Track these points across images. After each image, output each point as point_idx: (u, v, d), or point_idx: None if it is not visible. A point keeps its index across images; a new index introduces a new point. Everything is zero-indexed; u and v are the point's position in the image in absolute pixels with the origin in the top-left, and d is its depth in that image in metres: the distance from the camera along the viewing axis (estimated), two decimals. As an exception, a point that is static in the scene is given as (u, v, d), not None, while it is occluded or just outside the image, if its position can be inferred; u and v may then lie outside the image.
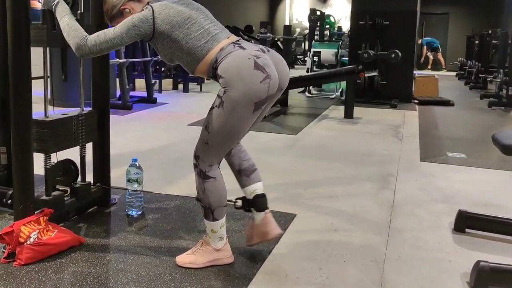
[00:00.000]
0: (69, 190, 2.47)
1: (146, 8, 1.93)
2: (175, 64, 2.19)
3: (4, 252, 2.06)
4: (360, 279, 2.01)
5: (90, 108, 2.58)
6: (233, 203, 2.16)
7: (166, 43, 1.92)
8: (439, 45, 17.25)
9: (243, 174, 2.14)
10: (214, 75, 1.90)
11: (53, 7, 2.06)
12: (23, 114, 2.08)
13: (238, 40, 1.94)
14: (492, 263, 1.89)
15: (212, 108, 1.88)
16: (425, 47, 17.07)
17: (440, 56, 17.42)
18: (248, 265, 2.08)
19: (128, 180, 2.59)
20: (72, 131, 2.38)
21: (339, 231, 2.51)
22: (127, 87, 6.44)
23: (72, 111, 2.49)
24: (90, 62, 2.56)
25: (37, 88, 2.62)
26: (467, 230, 2.51)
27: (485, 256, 2.20)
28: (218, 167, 1.98)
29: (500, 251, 2.30)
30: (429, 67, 17.42)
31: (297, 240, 2.37)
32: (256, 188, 2.13)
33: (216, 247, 2.03)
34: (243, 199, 2.15)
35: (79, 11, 2.38)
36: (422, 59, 17.25)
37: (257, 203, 2.12)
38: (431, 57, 17.43)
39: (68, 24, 1.96)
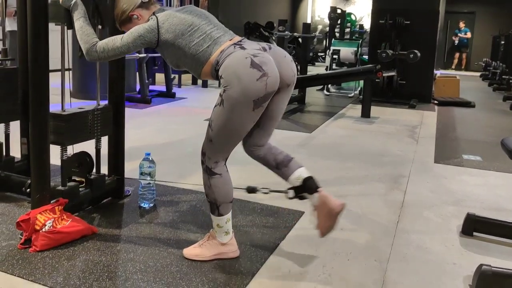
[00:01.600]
0: (84, 181, 2.55)
1: (152, 18, 2.03)
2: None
3: (21, 238, 2.15)
4: (362, 278, 2.04)
5: (106, 103, 2.65)
6: (284, 193, 2.15)
7: (171, 50, 2.01)
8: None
9: (281, 167, 2.14)
10: (217, 77, 1.98)
11: (70, 7, 2.15)
12: (41, 107, 2.17)
13: (240, 41, 2.00)
14: (495, 267, 1.90)
15: (214, 106, 1.94)
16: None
17: (464, 56, 17.14)
18: (253, 259, 2.13)
19: (141, 174, 2.67)
20: (88, 125, 2.46)
21: (345, 230, 2.54)
22: (147, 81, 6.54)
23: (89, 105, 2.57)
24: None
25: (58, 80, 2.70)
26: (474, 233, 2.51)
27: (490, 260, 2.21)
28: (225, 164, 2.03)
29: (506, 256, 2.30)
30: (453, 67, 17.15)
31: (302, 237, 2.41)
32: (300, 173, 2.12)
33: (222, 241, 2.09)
34: (294, 187, 2.12)
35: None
36: (456, 60, 16.98)
37: (307, 186, 2.09)
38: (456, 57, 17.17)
39: (81, 27, 2.07)
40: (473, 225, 2.51)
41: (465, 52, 17.06)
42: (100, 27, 2.42)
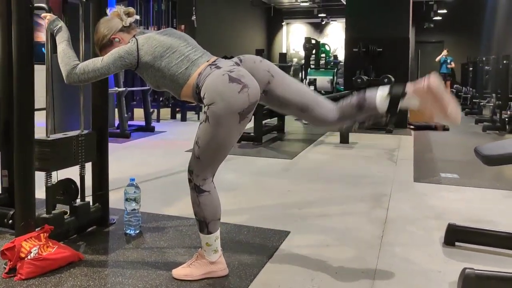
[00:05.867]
0: (68, 209, 2.54)
1: (132, 40, 2.09)
2: (166, 93, 2.30)
3: (5, 268, 2.12)
4: (351, 289, 2.07)
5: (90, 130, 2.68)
6: (384, 119, 2.06)
7: (151, 72, 2.07)
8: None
9: (364, 104, 2.02)
10: (199, 99, 2.03)
11: (55, 31, 2.19)
12: (26, 132, 2.18)
13: (215, 61, 2.07)
14: (478, 270, 1.95)
15: (200, 123, 1.99)
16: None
17: (448, 84, 16.46)
18: (242, 277, 2.14)
19: (126, 199, 2.67)
20: (72, 151, 2.47)
21: (331, 246, 2.57)
22: (126, 115, 6.56)
23: (72, 132, 2.59)
24: (90, 87, 2.69)
25: (39, 119, 2.70)
26: (457, 243, 2.57)
27: (473, 266, 2.26)
28: (212, 180, 2.06)
29: (488, 262, 2.35)
30: None
31: (290, 255, 2.43)
32: (381, 93, 2.00)
33: (211, 260, 2.10)
34: (387, 110, 2.00)
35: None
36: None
37: (395, 95, 1.96)
38: None
39: (63, 50, 2.10)
40: (455, 235, 2.57)
41: (448, 80, 17.05)
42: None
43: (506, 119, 7.42)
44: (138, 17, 2.21)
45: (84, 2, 2.62)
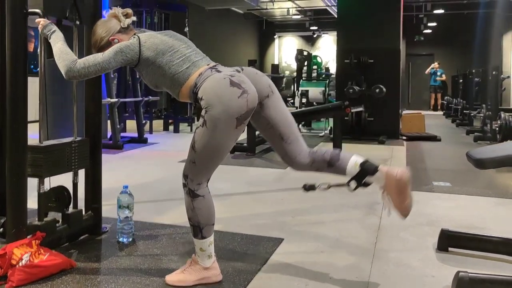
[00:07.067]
0: (61, 217, 2.52)
1: (134, 37, 2.09)
2: (159, 105, 2.30)
3: (-4, 275, 2.09)
4: (345, 294, 2.06)
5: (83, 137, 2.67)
6: (346, 186, 2.11)
7: (151, 69, 2.06)
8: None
9: (335, 162, 2.11)
10: (195, 99, 2.02)
11: (48, 35, 2.18)
12: (19, 138, 2.17)
13: (215, 65, 2.08)
14: (471, 273, 1.96)
15: (196, 128, 1.99)
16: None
17: (439, 96, 16.65)
18: (236, 283, 2.13)
19: (119, 207, 2.65)
20: (65, 157, 2.46)
21: (325, 253, 2.57)
22: (118, 126, 6.55)
23: (66, 139, 2.58)
24: (83, 94, 2.69)
25: (32, 131, 2.67)
26: (450, 249, 2.58)
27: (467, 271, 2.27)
28: (207, 185, 2.06)
29: (482, 267, 2.36)
30: (431, 108, 16.69)
31: (284, 261, 2.42)
32: (355, 160, 2.08)
33: (205, 266, 2.09)
34: (353, 177, 2.07)
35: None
36: (433, 101, 16.67)
37: (366, 168, 2.04)
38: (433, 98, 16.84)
39: (60, 49, 2.08)
40: (448, 241, 2.58)
41: (439, 93, 17.07)
42: (78, 22, 2.46)
43: (497, 129, 7.48)
44: (135, 18, 2.21)
45: (77, 25, 2.60)
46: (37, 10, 2.26)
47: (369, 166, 2.05)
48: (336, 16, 9.99)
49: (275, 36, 19.91)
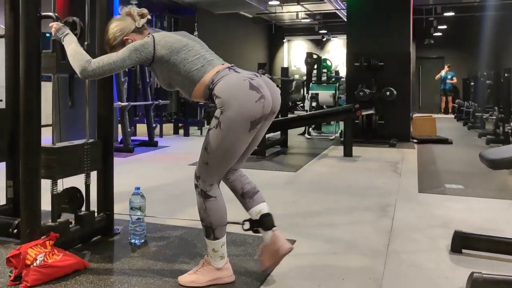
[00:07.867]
0: (73, 218, 2.54)
1: (148, 36, 2.09)
2: (169, 108, 2.32)
3: (10, 275, 2.11)
4: (358, 295, 2.05)
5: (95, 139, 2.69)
6: (240, 225, 2.21)
7: (165, 67, 2.06)
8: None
9: (246, 197, 2.20)
10: (210, 96, 2.02)
11: (61, 38, 2.20)
12: (33, 139, 2.19)
13: (232, 66, 2.08)
14: (486, 273, 1.94)
15: (210, 129, 1.99)
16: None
17: (450, 99, 16.48)
18: (249, 284, 2.12)
19: (131, 208, 2.67)
20: (78, 159, 2.48)
21: (338, 254, 2.56)
22: (129, 130, 6.58)
23: (78, 141, 2.60)
24: (95, 97, 2.71)
25: (45, 135, 2.69)
26: (464, 250, 2.55)
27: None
28: (218, 186, 2.06)
29: (496, 268, 2.33)
30: (442, 111, 16.55)
31: (296, 263, 2.42)
32: (261, 208, 2.19)
33: (217, 266, 2.09)
34: (250, 220, 2.20)
35: (86, 42, 2.55)
36: (443, 104, 16.53)
37: (264, 222, 2.17)
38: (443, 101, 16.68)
39: (74, 49, 2.10)
40: (461, 242, 2.55)
41: (450, 96, 16.93)
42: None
43: (510, 132, 7.41)
44: (149, 17, 2.22)
45: (87, 44, 2.59)
46: (51, 14, 2.28)
47: (268, 221, 2.17)
48: (345, 19, 9.97)
49: (284, 40, 19.89)
